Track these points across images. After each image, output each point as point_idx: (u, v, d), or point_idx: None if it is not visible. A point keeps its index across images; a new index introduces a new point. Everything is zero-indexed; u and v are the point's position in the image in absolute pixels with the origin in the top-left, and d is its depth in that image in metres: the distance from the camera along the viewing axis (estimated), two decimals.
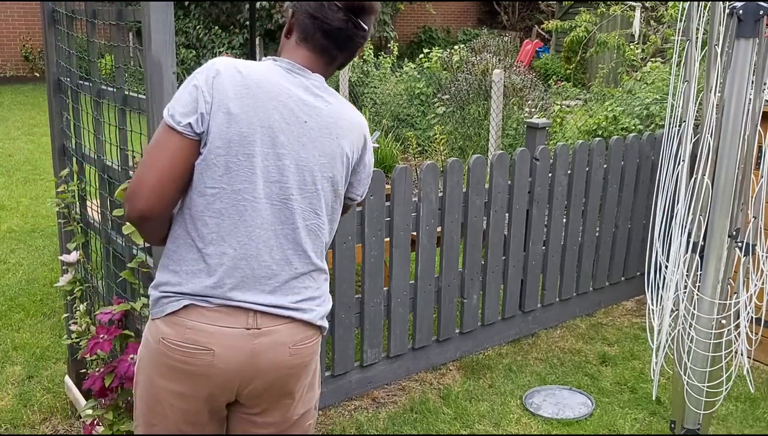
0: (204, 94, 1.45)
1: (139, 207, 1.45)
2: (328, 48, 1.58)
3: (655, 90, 5.54)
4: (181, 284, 1.50)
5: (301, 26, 1.57)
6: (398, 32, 14.07)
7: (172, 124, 1.44)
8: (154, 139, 1.47)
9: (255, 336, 1.51)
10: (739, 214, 2.31)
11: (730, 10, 2.17)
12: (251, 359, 1.51)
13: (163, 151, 1.45)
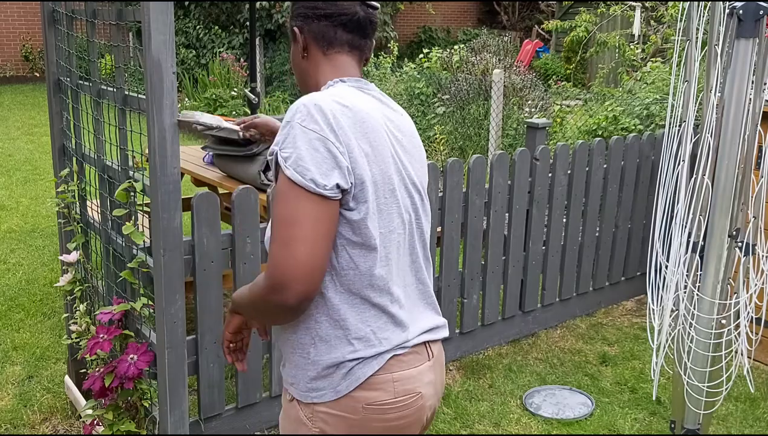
0: (336, 145, 1.28)
1: (301, 290, 1.26)
2: (354, 42, 1.47)
3: (655, 90, 5.54)
4: (375, 345, 1.38)
5: (320, 35, 1.46)
6: (398, 32, 14.07)
7: (318, 190, 1.25)
8: (289, 213, 1.26)
9: (433, 365, 1.48)
10: (739, 214, 2.31)
11: (730, 10, 2.17)
12: (435, 388, 1.49)
13: (311, 222, 1.26)
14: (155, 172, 1.91)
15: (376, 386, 1.37)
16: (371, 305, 1.38)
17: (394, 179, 1.38)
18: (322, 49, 1.46)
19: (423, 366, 1.44)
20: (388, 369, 1.38)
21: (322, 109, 1.30)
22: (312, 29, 1.45)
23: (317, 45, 1.46)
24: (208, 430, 2.69)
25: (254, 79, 6.33)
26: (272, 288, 1.27)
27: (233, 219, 2.57)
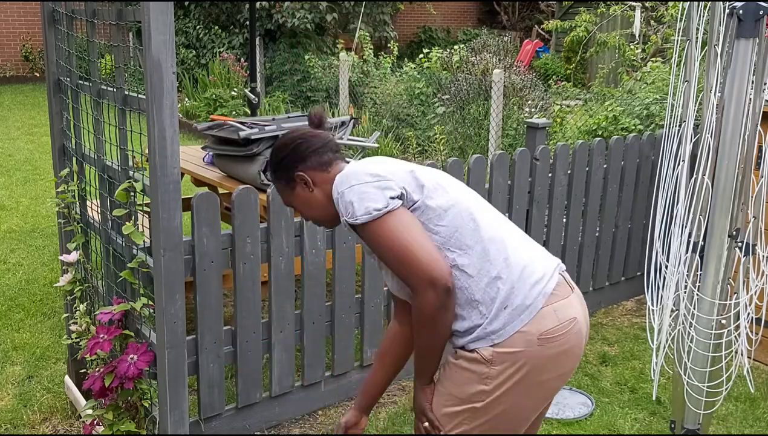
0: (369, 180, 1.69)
1: (443, 280, 1.58)
2: (337, 154, 1.85)
3: (655, 90, 5.54)
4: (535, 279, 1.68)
5: (318, 164, 1.79)
6: (398, 32, 14.06)
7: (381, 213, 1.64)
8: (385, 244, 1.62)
9: (577, 295, 1.77)
10: (739, 214, 2.31)
11: (730, 10, 2.17)
12: (585, 316, 1.76)
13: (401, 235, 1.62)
14: (155, 172, 1.91)
15: (542, 318, 1.64)
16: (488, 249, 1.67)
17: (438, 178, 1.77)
18: (323, 170, 1.80)
19: (571, 296, 1.73)
20: (549, 302, 1.66)
21: (351, 171, 1.69)
22: (311, 166, 1.79)
23: (321, 173, 1.79)
24: (208, 430, 2.69)
25: (254, 79, 6.33)
26: (426, 290, 1.57)
27: (233, 219, 2.57)
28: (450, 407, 1.71)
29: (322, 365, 2.97)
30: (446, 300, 1.60)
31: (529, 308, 1.64)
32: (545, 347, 1.64)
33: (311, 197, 1.80)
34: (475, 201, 1.76)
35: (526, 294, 1.65)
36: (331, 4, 11.83)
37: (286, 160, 1.80)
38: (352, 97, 9.20)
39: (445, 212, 1.68)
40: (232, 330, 2.68)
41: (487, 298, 1.65)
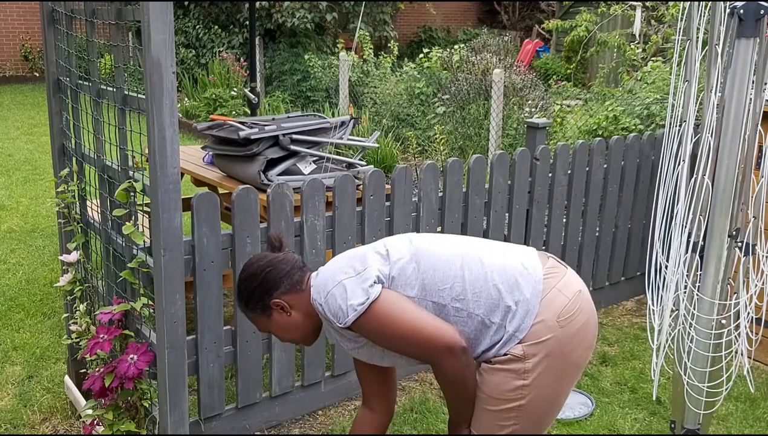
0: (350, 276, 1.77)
1: (457, 343, 1.65)
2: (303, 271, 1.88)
3: (656, 90, 5.54)
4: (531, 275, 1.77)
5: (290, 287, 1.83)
6: (398, 32, 14.06)
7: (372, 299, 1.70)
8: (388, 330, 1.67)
9: (570, 270, 1.86)
10: (739, 214, 2.30)
11: (730, 9, 2.17)
12: (585, 287, 1.85)
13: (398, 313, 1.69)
14: (155, 172, 1.91)
15: (552, 301, 1.72)
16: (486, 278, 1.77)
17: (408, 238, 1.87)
18: (297, 291, 1.83)
19: (567, 273, 1.81)
20: (549, 285, 1.74)
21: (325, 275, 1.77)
22: (284, 290, 1.83)
23: (294, 294, 1.83)
24: (208, 430, 2.69)
25: (254, 79, 6.33)
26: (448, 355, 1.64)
27: (233, 219, 2.57)
28: (493, 406, 1.77)
29: (322, 365, 2.97)
30: (467, 359, 1.68)
31: (534, 297, 1.72)
32: (567, 327, 1.72)
33: (289, 321, 1.85)
34: (435, 242, 1.83)
35: (526, 289, 1.73)
36: (331, 4, 11.82)
37: (259, 290, 1.84)
38: (352, 96, 9.19)
39: (417, 266, 1.75)
40: (232, 330, 2.68)
41: (496, 314, 1.73)
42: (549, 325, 1.71)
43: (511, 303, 1.72)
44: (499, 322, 1.73)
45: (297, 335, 1.88)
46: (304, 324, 1.86)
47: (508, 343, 1.73)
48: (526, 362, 1.71)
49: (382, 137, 7.21)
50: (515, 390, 1.73)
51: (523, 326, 1.71)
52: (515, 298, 1.72)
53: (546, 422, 1.83)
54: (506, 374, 1.73)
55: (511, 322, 1.72)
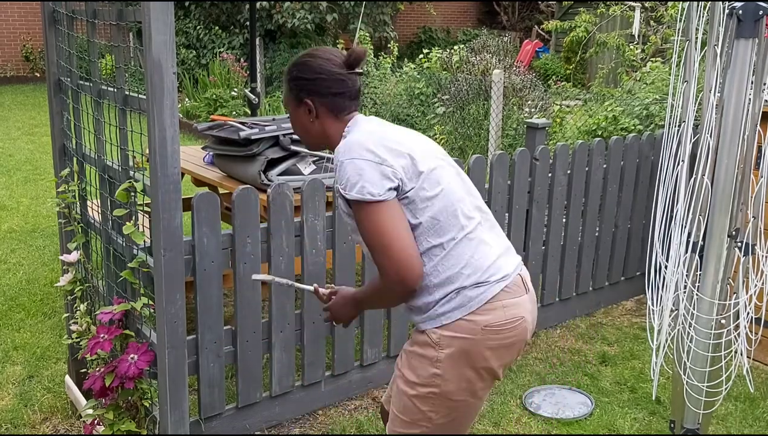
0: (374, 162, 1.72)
1: (416, 273, 1.67)
2: (355, 103, 1.88)
3: (655, 90, 5.55)
4: (487, 276, 1.76)
5: (332, 106, 1.84)
6: (398, 32, 14.07)
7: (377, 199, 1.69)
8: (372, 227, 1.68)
9: (530, 297, 1.85)
10: (738, 214, 2.31)
11: (729, 10, 2.18)
12: (533, 316, 1.85)
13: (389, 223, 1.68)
14: (156, 172, 1.91)
15: (490, 311, 1.73)
16: (466, 238, 1.76)
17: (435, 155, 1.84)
18: (334, 115, 1.85)
19: (524, 297, 1.81)
20: (499, 298, 1.75)
21: (360, 143, 1.73)
22: (325, 102, 1.83)
23: (329, 113, 1.85)
24: (209, 430, 2.70)
25: (254, 80, 6.33)
26: (394, 285, 1.67)
27: (233, 219, 2.57)
28: (413, 388, 1.81)
29: (322, 364, 2.97)
30: (407, 297, 1.76)
31: (478, 298, 1.74)
32: (487, 338, 1.74)
33: (307, 123, 1.87)
34: (460, 189, 1.83)
35: (481, 287, 1.75)
36: (331, 5, 11.83)
37: (303, 82, 1.83)
38: None
39: (432, 204, 1.75)
40: (232, 330, 2.68)
41: (447, 284, 1.75)
42: (472, 327, 1.73)
43: (462, 292, 1.74)
44: (440, 295, 1.75)
45: (306, 136, 1.91)
46: (315, 135, 1.88)
47: (432, 320, 1.76)
48: (439, 351, 1.75)
49: None
50: (430, 377, 1.77)
51: (452, 314, 1.74)
52: (468, 292, 1.74)
53: (463, 418, 1.84)
54: (422, 359, 1.78)
55: (446, 304, 1.74)
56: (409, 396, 1.81)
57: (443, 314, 1.74)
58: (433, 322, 1.75)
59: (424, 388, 1.78)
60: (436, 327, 1.75)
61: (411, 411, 1.82)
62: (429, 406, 1.79)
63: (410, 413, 1.83)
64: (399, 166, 1.72)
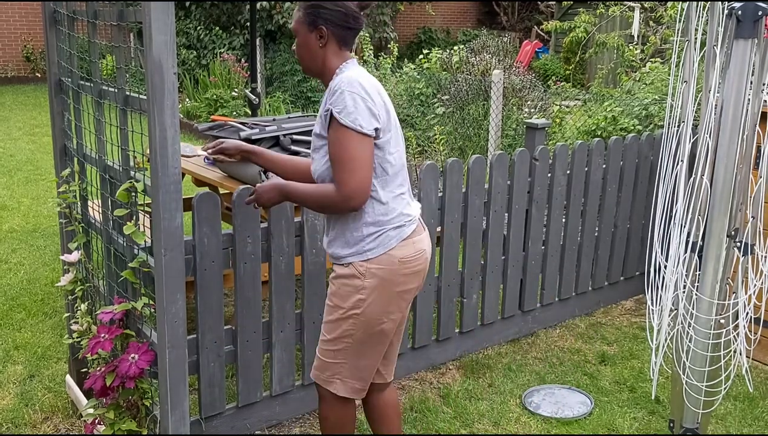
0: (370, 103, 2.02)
1: (364, 198, 2.02)
2: (353, 44, 2.16)
3: (654, 90, 5.55)
4: (404, 219, 2.13)
5: (342, 38, 2.10)
6: (398, 33, 14.07)
7: (364, 131, 1.99)
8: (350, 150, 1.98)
9: (427, 234, 2.25)
10: (737, 214, 2.31)
11: (728, 10, 2.18)
12: (430, 249, 2.26)
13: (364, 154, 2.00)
14: (156, 173, 1.92)
15: (404, 247, 2.12)
16: (399, 195, 2.13)
17: (396, 121, 2.14)
18: (339, 46, 2.11)
19: (423, 233, 2.22)
20: (410, 236, 2.14)
21: (360, 82, 2.01)
22: (336, 33, 2.09)
23: (337, 43, 2.10)
24: (209, 429, 2.70)
25: (255, 80, 6.34)
26: (345, 199, 2.00)
27: (234, 219, 2.58)
28: (340, 311, 2.14)
29: None
30: (343, 211, 2.06)
31: (396, 237, 2.11)
32: (403, 267, 2.12)
33: (316, 49, 2.10)
34: (404, 156, 2.18)
35: (399, 229, 2.12)
36: None
37: (322, 11, 2.06)
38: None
39: (391, 160, 2.09)
40: (232, 330, 2.69)
41: (376, 226, 2.09)
42: (392, 260, 2.10)
43: (386, 232, 2.10)
44: (367, 234, 2.09)
45: (307, 59, 2.13)
46: (317, 62, 2.12)
47: (359, 255, 2.09)
48: (365, 280, 2.10)
49: None
50: (356, 301, 2.11)
51: (377, 250, 2.09)
52: (390, 232, 2.10)
53: (375, 339, 2.18)
54: (350, 288, 2.12)
55: (372, 242, 2.09)
56: (336, 318, 2.16)
57: (369, 250, 2.09)
58: (360, 256, 2.10)
59: (350, 310, 2.13)
60: (362, 261, 2.09)
61: (337, 328, 2.17)
62: (351, 325, 2.15)
63: (336, 331, 2.17)
64: (383, 115, 2.04)
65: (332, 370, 2.22)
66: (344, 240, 2.12)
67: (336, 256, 2.16)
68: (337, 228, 2.15)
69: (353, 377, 2.23)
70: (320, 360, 2.25)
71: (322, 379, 2.25)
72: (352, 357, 2.20)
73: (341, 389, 2.23)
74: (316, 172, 2.14)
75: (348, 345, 2.18)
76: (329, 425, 2.29)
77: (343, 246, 2.13)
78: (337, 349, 2.19)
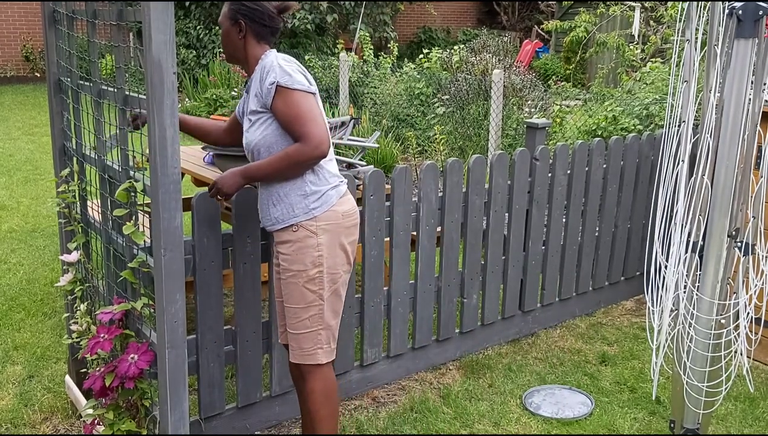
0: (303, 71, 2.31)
1: (327, 145, 2.20)
2: (274, 40, 2.42)
3: (655, 90, 5.55)
4: (340, 179, 2.39)
5: (258, 34, 2.35)
6: (398, 32, 14.07)
7: (311, 90, 2.26)
8: (305, 107, 2.21)
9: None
10: (738, 214, 2.31)
11: (729, 10, 2.18)
12: None
13: (317, 109, 2.25)
14: (156, 172, 1.92)
15: (343, 202, 2.36)
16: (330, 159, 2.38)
17: None
18: (257, 40, 2.36)
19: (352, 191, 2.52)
20: (346, 193, 2.39)
21: (287, 59, 2.29)
22: (254, 28, 2.34)
23: (254, 37, 2.35)
24: (209, 429, 2.70)
25: None
26: (315, 146, 2.18)
27: (233, 219, 2.58)
28: (304, 275, 2.29)
29: None
30: (315, 163, 2.25)
31: (336, 195, 2.34)
32: (346, 220, 2.35)
33: (235, 39, 2.35)
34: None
35: (337, 186, 2.35)
36: (332, 5, 11.83)
37: (243, 9, 2.32)
38: (352, 97, 9.20)
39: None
40: (232, 330, 2.68)
41: (320, 186, 2.31)
42: (336, 215, 2.32)
43: (327, 192, 2.31)
44: (309, 193, 2.29)
45: (227, 46, 2.37)
46: (237, 50, 2.35)
47: (304, 214, 2.29)
48: (318, 237, 2.29)
49: (382, 137, 7.22)
50: (316, 259, 2.29)
51: (321, 208, 2.30)
52: (330, 192, 2.32)
53: (337, 294, 2.37)
54: (306, 248, 2.29)
55: (315, 202, 2.29)
56: (302, 284, 2.30)
57: (315, 208, 2.29)
58: (306, 215, 2.28)
59: (312, 270, 2.29)
60: (309, 219, 2.28)
61: (304, 296, 2.31)
62: (317, 285, 2.31)
63: (304, 298, 2.31)
64: (313, 82, 2.29)
65: (311, 341, 2.34)
66: (288, 204, 2.30)
67: (281, 220, 2.31)
68: (277, 195, 2.31)
69: (329, 340, 2.38)
70: (296, 338, 2.35)
71: (305, 356, 2.35)
72: (324, 319, 2.34)
73: (323, 356, 2.36)
74: (251, 144, 2.33)
75: (319, 308, 2.33)
76: (319, 396, 2.38)
77: (288, 211, 2.30)
78: (310, 316, 2.33)
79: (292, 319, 2.35)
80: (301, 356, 2.36)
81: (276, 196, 2.32)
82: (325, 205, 2.31)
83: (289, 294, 2.34)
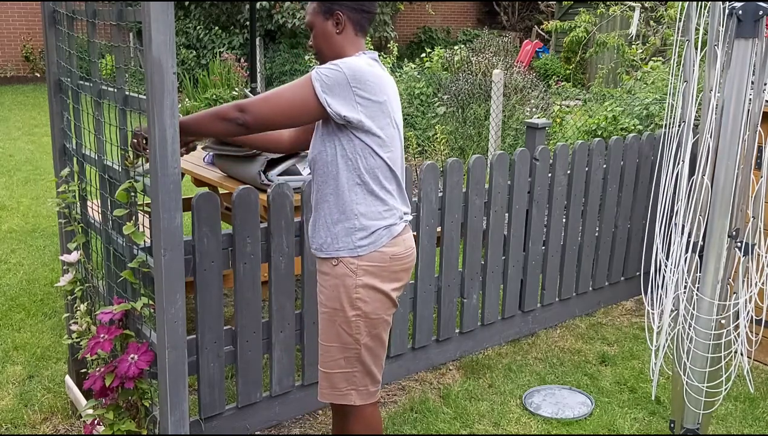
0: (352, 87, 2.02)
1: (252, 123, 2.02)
2: (368, 27, 2.17)
3: (655, 90, 5.55)
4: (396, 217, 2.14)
5: (358, 23, 2.11)
6: (398, 32, 14.07)
7: (321, 98, 2.00)
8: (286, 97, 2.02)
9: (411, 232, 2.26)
10: (738, 214, 2.31)
11: (729, 10, 2.18)
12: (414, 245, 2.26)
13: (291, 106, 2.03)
14: (156, 173, 1.91)
15: (396, 244, 2.13)
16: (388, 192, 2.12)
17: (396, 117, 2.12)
18: (355, 32, 2.12)
19: (411, 232, 2.23)
20: (401, 234, 2.15)
21: (361, 68, 1.99)
22: (353, 17, 2.10)
23: (354, 29, 2.11)
24: (209, 430, 2.70)
25: (254, 80, 6.35)
26: (237, 108, 1.99)
27: (233, 219, 2.58)
28: (341, 315, 2.11)
29: None
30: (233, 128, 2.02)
31: (387, 235, 2.11)
32: (394, 264, 2.13)
33: (333, 35, 2.10)
34: (401, 157, 2.17)
35: (391, 226, 2.12)
36: None
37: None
38: None
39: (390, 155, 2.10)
40: (232, 330, 2.68)
41: (370, 219, 2.09)
42: (383, 257, 2.10)
43: (378, 229, 2.10)
44: (356, 227, 2.08)
45: (325, 48, 2.12)
46: (334, 49, 2.11)
47: (349, 250, 2.08)
48: (357, 278, 2.08)
49: None
50: (353, 301, 2.09)
51: (368, 247, 2.09)
52: (381, 231, 2.10)
53: (382, 334, 2.17)
54: (343, 288, 2.09)
55: (365, 239, 2.09)
56: (338, 324, 2.12)
57: (360, 246, 2.08)
58: (350, 251, 2.08)
59: (350, 312, 2.10)
60: (353, 257, 2.08)
61: (340, 337, 2.13)
62: (355, 330, 2.11)
63: (339, 338, 2.13)
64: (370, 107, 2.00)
65: (345, 381, 2.16)
66: (333, 234, 2.10)
67: (323, 249, 2.13)
68: (325, 221, 2.12)
69: (367, 383, 2.17)
70: (328, 376, 2.17)
71: (337, 395, 2.17)
72: (361, 361, 2.14)
73: (358, 398, 2.17)
74: (312, 158, 2.16)
75: (356, 351, 2.13)
76: None
77: (332, 241, 2.10)
78: (345, 357, 2.13)
79: (324, 356, 2.18)
80: (331, 394, 2.18)
81: (323, 222, 2.13)
82: (372, 246, 2.09)
83: (324, 330, 2.17)
